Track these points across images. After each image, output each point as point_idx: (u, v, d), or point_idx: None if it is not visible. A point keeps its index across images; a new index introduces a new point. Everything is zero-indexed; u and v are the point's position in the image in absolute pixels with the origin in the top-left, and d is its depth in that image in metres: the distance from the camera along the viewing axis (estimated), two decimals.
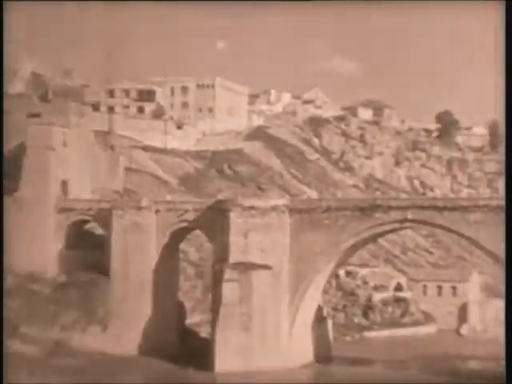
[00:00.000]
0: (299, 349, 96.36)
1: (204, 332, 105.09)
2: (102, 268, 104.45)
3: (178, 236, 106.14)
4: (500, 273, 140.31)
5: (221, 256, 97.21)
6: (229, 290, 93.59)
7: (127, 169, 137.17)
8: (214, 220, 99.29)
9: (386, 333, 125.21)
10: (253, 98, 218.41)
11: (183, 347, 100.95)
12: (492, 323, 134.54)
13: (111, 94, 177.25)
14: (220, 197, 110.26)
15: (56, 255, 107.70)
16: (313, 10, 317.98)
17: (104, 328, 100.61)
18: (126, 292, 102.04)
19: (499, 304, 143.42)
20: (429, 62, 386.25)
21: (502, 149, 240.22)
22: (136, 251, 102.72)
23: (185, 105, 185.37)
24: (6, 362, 77.58)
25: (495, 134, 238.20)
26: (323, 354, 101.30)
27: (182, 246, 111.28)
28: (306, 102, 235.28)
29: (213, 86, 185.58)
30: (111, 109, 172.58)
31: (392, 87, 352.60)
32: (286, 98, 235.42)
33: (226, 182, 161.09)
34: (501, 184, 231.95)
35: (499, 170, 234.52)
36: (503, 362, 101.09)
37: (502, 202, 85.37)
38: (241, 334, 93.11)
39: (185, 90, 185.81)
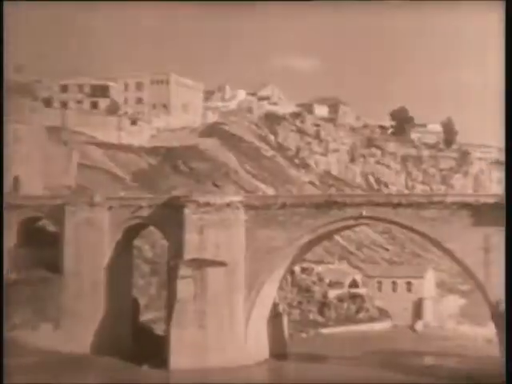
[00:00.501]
0: (255, 345, 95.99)
1: (158, 329, 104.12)
2: (54, 265, 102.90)
3: (132, 233, 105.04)
4: (455, 269, 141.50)
5: (175, 253, 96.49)
6: (183, 287, 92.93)
7: (80, 165, 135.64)
8: (169, 216, 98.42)
9: (341, 329, 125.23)
10: (208, 94, 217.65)
11: (137, 345, 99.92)
12: (447, 319, 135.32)
13: (64, 89, 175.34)
14: (175, 193, 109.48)
15: (7, 253, 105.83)
16: (269, 9, 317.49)
17: (56, 326, 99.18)
18: (78, 289, 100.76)
19: (454, 300, 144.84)
20: (386, 59, 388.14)
21: (455, 146, 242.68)
22: (89, 248, 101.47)
23: (139, 101, 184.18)
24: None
25: (449, 131, 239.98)
26: (279, 351, 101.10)
27: (136, 242, 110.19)
28: (262, 98, 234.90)
29: (167, 82, 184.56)
30: (64, 104, 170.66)
31: (348, 84, 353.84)
32: (242, 94, 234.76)
33: (181, 179, 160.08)
34: (455, 181, 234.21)
35: (453, 166, 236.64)
36: (457, 359, 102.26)
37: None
38: (196, 330, 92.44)
39: (139, 85, 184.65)
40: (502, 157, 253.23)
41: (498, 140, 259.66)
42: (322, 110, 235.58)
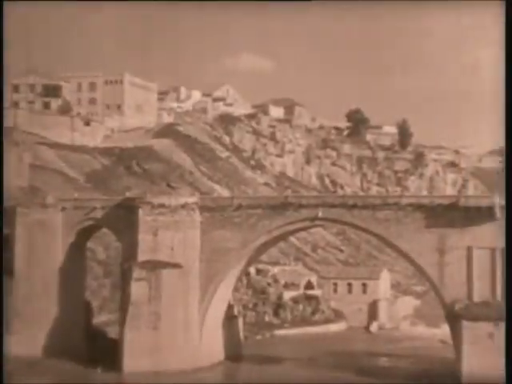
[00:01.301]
0: (209, 348, 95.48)
1: (112, 331, 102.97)
2: (5, 267, 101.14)
3: (85, 234, 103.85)
4: (410, 270, 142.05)
5: (129, 255, 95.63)
6: (137, 289, 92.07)
7: (32, 166, 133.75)
8: (123, 218, 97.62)
9: (296, 331, 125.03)
10: (162, 95, 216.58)
11: (91, 347, 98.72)
12: (401, 320, 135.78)
13: (15, 89, 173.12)
14: (128, 194, 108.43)
15: None
16: (225, 8, 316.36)
17: (7, 329, 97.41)
18: (30, 292, 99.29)
19: (409, 301, 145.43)
20: (342, 61, 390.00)
21: (410, 147, 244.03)
22: (41, 250, 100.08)
23: (92, 101, 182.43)
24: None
25: (405, 132, 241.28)
26: (234, 353, 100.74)
27: (90, 244, 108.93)
28: (217, 99, 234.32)
29: (121, 83, 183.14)
30: (16, 104, 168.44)
31: (303, 85, 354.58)
32: (196, 95, 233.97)
33: (135, 180, 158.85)
34: (410, 183, 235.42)
35: (408, 168, 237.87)
36: (412, 359, 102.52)
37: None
38: (150, 333, 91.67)
39: (92, 85, 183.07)
40: (456, 158, 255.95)
41: (453, 142, 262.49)
42: (277, 112, 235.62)
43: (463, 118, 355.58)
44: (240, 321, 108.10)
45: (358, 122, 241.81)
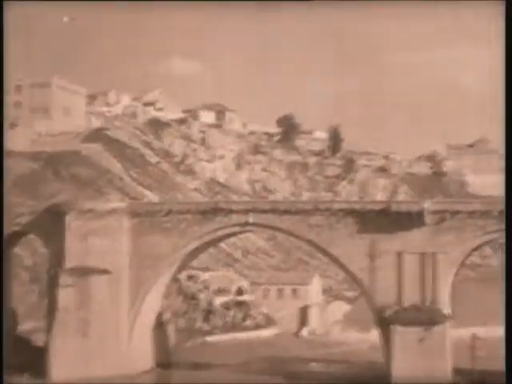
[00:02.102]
0: (139, 354, 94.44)
1: (39, 339, 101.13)
2: None
3: (11, 240, 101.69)
4: (341, 275, 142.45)
5: (57, 261, 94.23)
6: (65, 296, 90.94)
7: None
8: (50, 224, 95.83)
9: (227, 337, 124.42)
10: (91, 99, 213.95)
11: (17, 355, 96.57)
12: (332, 326, 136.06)
13: None
14: (56, 199, 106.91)
15: None
16: (156, 11, 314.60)
17: None
18: None
19: (339, 306, 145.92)
20: (273, 64, 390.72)
21: (341, 153, 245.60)
22: None
23: (18, 104, 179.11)
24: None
25: (335, 138, 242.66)
26: (164, 360, 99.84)
27: (16, 250, 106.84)
28: (147, 104, 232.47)
29: (48, 86, 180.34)
30: None
31: (234, 90, 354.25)
32: (126, 99, 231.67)
33: (63, 185, 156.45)
34: (341, 188, 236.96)
35: (339, 173, 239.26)
36: (342, 365, 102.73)
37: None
38: (78, 340, 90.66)
39: (18, 88, 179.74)
40: (386, 164, 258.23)
41: (382, 147, 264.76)
42: (208, 117, 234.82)
43: (394, 123, 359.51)
44: (170, 327, 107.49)
45: (288, 128, 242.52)
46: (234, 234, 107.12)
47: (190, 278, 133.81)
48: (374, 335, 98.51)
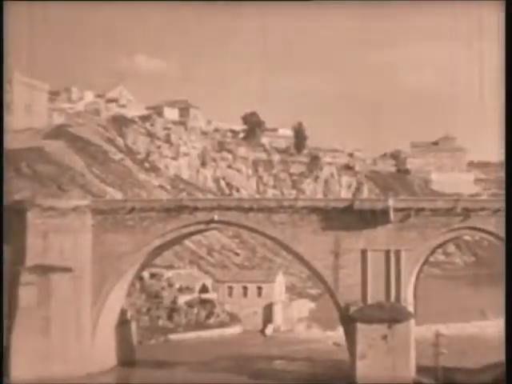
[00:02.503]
0: (102, 353, 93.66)
1: None
2: None
3: None
4: (305, 273, 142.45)
5: (17, 259, 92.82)
6: (26, 294, 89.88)
7: None
8: (10, 221, 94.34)
9: (191, 335, 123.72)
10: (53, 95, 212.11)
11: None
12: (296, 323, 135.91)
13: None
14: (17, 197, 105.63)
15: None
16: (121, 8, 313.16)
17: None
18: None
19: (304, 304, 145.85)
20: (238, 62, 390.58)
21: (306, 150, 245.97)
22: None
23: None
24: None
25: (300, 135, 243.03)
26: (127, 358, 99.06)
27: None
28: (110, 100, 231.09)
29: (9, 82, 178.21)
30: None
31: (198, 87, 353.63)
32: (89, 96, 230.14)
33: (24, 182, 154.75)
34: (306, 185, 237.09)
35: (304, 171, 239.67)
36: (306, 362, 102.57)
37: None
38: (39, 339, 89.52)
39: None
40: (351, 161, 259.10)
41: (347, 145, 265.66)
42: (172, 114, 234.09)
43: (358, 121, 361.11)
44: (133, 325, 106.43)
45: (253, 125, 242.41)
46: (198, 232, 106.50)
47: (154, 276, 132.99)
48: (339, 333, 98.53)
